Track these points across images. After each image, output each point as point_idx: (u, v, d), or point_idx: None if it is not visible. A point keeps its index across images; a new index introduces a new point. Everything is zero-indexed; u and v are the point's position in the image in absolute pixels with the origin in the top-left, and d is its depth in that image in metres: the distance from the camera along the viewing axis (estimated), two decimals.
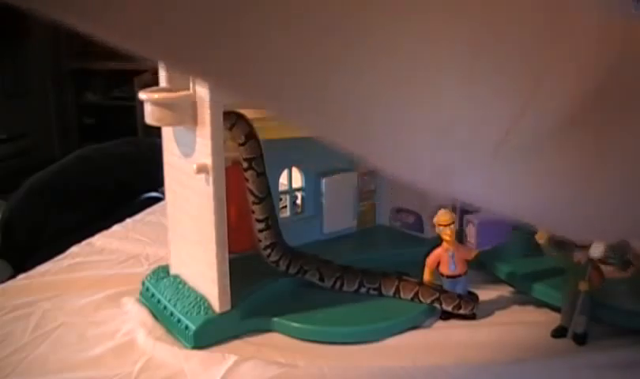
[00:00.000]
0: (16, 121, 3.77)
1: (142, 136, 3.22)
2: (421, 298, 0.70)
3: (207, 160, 0.63)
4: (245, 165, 0.69)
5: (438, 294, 0.69)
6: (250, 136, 0.68)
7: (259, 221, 0.70)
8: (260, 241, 0.71)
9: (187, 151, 0.67)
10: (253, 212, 0.70)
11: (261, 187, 0.70)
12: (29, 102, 3.90)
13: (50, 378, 0.61)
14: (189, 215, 0.69)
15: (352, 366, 0.62)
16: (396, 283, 0.72)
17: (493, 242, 0.72)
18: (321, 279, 0.74)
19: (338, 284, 0.74)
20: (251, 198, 0.70)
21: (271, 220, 0.71)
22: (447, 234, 0.69)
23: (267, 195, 0.70)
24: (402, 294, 0.71)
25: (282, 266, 0.72)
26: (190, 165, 0.64)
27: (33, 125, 3.89)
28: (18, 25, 3.76)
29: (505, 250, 0.79)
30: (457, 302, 0.69)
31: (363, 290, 0.73)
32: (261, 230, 0.71)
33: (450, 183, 0.34)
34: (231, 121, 0.67)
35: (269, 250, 0.71)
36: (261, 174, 0.70)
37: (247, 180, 0.69)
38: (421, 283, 0.71)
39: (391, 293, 0.72)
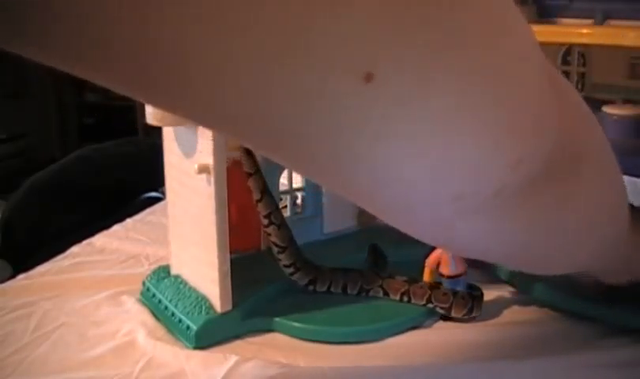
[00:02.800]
0: (16, 121, 3.77)
1: (142, 136, 3.22)
2: (434, 301, 0.70)
3: (208, 160, 0.63)
4: (265, 222, 0.70)
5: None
6: (265, 190, 0.69)
7: (286, 267, 0.71)
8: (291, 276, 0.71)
9: (188, 151, 0.67)
10: (279, 260, 0.70)
11: (283, 237, 0.70)
12: (29, 102, 3.90)
13: (51, 378, 0.61)
14: (190, 216, 0.69)
15: (353, 366, 0.62)
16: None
17: None
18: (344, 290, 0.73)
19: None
20: (276, 249, 0.70)
21: (299, 263, 0.71)
22: None
23: (289, 243, 0.70)
24: (413, 298, 0.71)
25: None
26: (191, 165, 0.64)
27: (33, 125, 3.88)
28: None
29: None
30: (449, 303, 0.68)
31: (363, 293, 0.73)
32: (291, 274, 0.71)
33: (451, 234, 0.35)
34: (252, 169, 0.68)
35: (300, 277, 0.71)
36: (282, 226, 0.70)
37: (269, 234, 0.70)
38: (432, 287, 0.70)
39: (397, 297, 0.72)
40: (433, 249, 0.71)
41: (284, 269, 0.71)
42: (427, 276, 0.71)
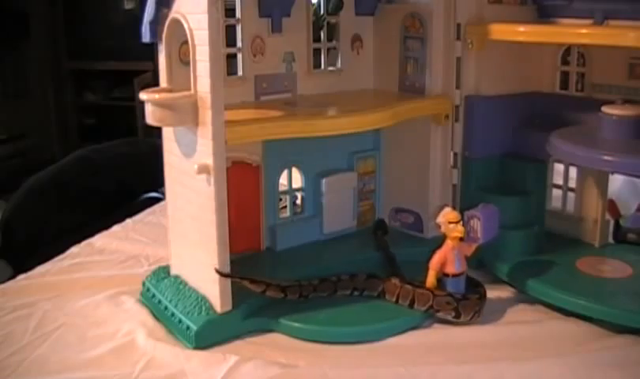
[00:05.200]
0: (16, 122, 3.77)
1: (142, 136, 3.22)
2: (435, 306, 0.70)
3: (208, 161, 0.63)
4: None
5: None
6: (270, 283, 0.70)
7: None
8: None
9: (188, 151, 0.67)
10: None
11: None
12: (29, 102, 3.89)
13: (51, 378, 0.61)
14: (189, 216, 0.69)
15: (353, 366, 0.62)
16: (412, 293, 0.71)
17: (493, 233, 0.72)
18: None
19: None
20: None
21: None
22: (459, 230, 0.69)
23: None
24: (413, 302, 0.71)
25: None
26: (190, 165, 0.64)
27: (33, 126, 3.88)
28: (18, 25, 3.76)
29: (505, 250, 0.79)
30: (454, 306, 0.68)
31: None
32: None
33: None
34: (261, 289, 0.68)
35: None
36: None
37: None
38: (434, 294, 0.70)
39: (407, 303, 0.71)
40: (433, 251, 0.71)
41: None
42: (431, 279, 0.71)
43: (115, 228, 1.02)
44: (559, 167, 0.86)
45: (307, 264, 0.79)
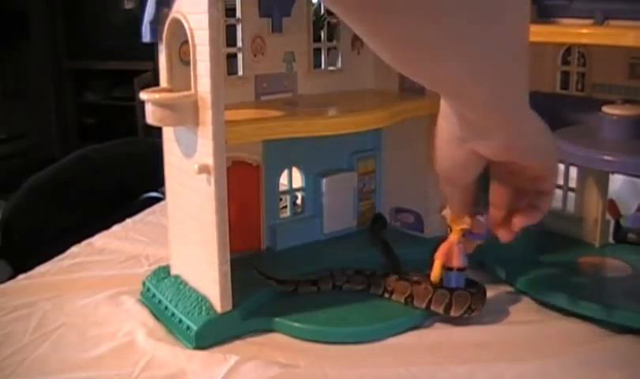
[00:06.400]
0: (16, 121, 3.77)
1: (142, 136, 3.22)
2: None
3: (208, 160, 0.63)
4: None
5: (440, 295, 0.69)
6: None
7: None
8: None
9: (188, 151, 0.67)
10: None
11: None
12: (29, 102, 3.90)
13: (51, 378, 0.61)
14: (190, 216, 0.69)
15: (353, 366, 0.62)
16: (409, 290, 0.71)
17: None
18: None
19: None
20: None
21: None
22: (466, 221, 0.67)
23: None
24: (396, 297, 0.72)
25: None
26: (190, 165, 0.64)
27: (33, 125, 3.89)
28: (18, 25, 3.76)
29: (505, 250, 0.79)
30: (448, 300, 0.68)
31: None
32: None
33: None
34: (294, 286, 0.73)
35: None
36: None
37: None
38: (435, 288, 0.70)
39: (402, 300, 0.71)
40: (436, 246, 0.71)
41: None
42: (436, 272, 0.70)
43: (115, 228, 1.02)
44: (559, 167, 0.86)
45: (307, 263, 0.79)
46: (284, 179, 0.84)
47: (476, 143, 0.52)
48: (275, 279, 0.73)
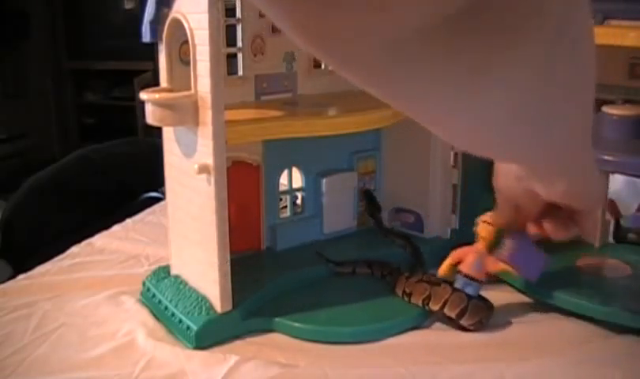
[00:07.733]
0: (16, 121, 3.77)
1: (142, 136, 3.22)
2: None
3: (208, 160, 0.63)
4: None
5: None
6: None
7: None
8: None
9: (188, 151, 0.67)
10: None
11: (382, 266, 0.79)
12: (29, 102, 3.90)
13: (51, 378, 0.61)
14: (190, 216, 0.69)
15: (353, 366, 0.62)
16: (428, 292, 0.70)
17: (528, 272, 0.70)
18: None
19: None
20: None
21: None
22: (487, 230, 0.67)
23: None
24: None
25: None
26: (190, 165, 0.64)
27: (33, 125, 3.88)
28: (18, 25, 3.76)
29: None
30: (462, 307, 0.67)
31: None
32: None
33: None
34: (351, 267, 0.77)
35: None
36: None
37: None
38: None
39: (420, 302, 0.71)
40: (460, 245, 0.70)
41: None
42: (445, 267, 0.70)
43: (115, 228, 1.02)
44: None
45: (308, 263, 0.79)
46: (284, 179, 0.84)
47: (534, 184, 0.49)
48: (334, 261, 0.79)
